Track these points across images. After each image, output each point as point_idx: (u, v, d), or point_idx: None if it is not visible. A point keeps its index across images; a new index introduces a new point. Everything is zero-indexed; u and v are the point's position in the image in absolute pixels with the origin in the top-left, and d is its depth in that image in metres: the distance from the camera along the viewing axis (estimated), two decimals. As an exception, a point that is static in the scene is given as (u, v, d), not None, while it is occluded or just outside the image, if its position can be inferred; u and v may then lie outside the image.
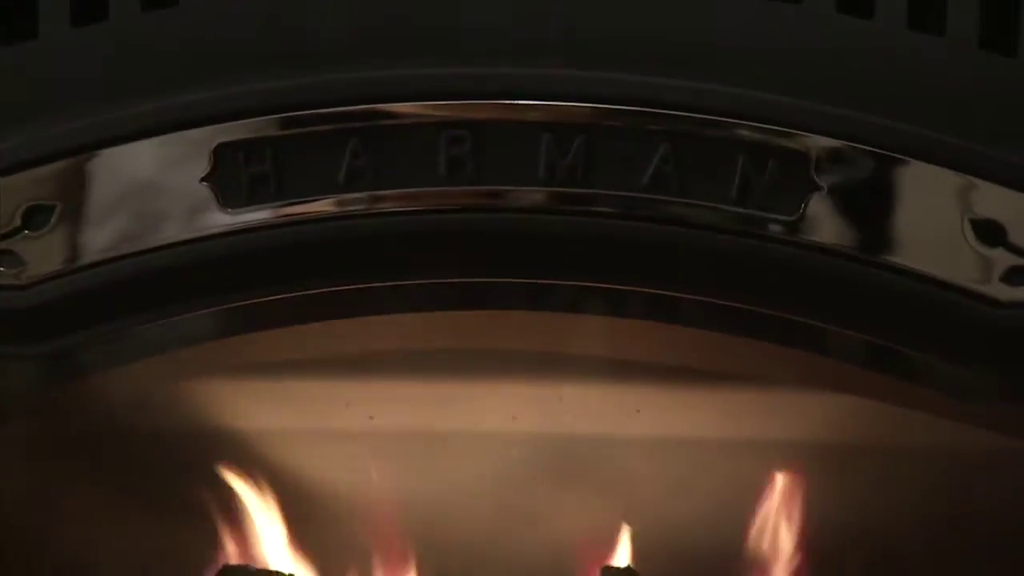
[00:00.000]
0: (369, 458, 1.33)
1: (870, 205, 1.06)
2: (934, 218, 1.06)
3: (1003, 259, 1.06)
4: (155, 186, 1.08)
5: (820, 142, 1.06)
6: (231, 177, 1.07)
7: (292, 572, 1.26)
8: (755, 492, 1.30)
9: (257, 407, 1.32)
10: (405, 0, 1.09)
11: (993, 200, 1.05)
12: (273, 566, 1.28)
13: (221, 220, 1.08)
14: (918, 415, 1.18)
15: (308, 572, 1.30)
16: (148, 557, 1.29)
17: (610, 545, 1.28)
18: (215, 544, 1.30)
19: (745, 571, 1.30)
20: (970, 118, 1.07)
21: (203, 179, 1.07)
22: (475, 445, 1.33)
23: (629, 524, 1.28)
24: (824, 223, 1.06)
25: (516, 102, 1.07)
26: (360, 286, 1.11)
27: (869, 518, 1.29)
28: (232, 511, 1.31)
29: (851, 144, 1.06)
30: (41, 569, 1.27)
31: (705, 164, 1.06)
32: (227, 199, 1.07)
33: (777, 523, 1.28)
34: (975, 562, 1.25)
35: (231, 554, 1.30)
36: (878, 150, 1.06)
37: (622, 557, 1.27)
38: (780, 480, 1.28)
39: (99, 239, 1.08)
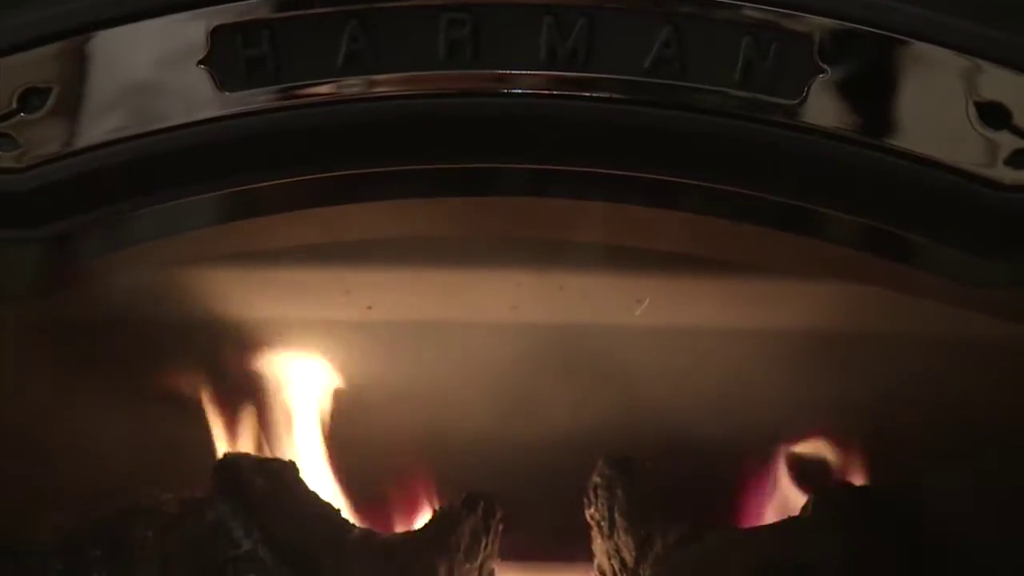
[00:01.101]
0: (367, 347, 1.33)
1: (874, 88, 1.05)
2: (938, 101, 1.05)
3: (1008, 142, 1.05)
4: (152, 69, 1.07)
5: (824, 24, 1.04)
6: (229, 60, 1.06)
7: (292, 459, 1.26)
8: (757, 381, 1.30)
9: (254, 296, 1.31)
10: None
11: (998, 82, 1.04)
12: (272, 454, 1.28)
13: (219, 103, 1.06)
14: (921, 301, 1.17)
15: (307, 461, 1.30)
16: (145, 444, 1.29)
17: (610, 434, 1.28)
18: (213, 432, 1.31)
19: (745, 460, 1.31)
20: (975, -1, 1.06)
21: (200, 62, 1.06)
22: (475, 335, 1.33)
23: (630, 414, 1.28)
24: (827, 106, 1.05)
25: (517, -16, 1.06)
26: (359, 171, 1.10)
27: (874, 406, 1.29)
28: (230, 400, 1.31)
29: (855, 26, 1.04)
30: (38, 455, 1.27)
31: (708, 47, 1.05)
32: (224, 82, 1.06)
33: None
34: (979, 448, 1.25)
35: (230, 442, 1.30)
36: (882, 32, 1.04)
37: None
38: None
39: (96, 122, 1.07)
